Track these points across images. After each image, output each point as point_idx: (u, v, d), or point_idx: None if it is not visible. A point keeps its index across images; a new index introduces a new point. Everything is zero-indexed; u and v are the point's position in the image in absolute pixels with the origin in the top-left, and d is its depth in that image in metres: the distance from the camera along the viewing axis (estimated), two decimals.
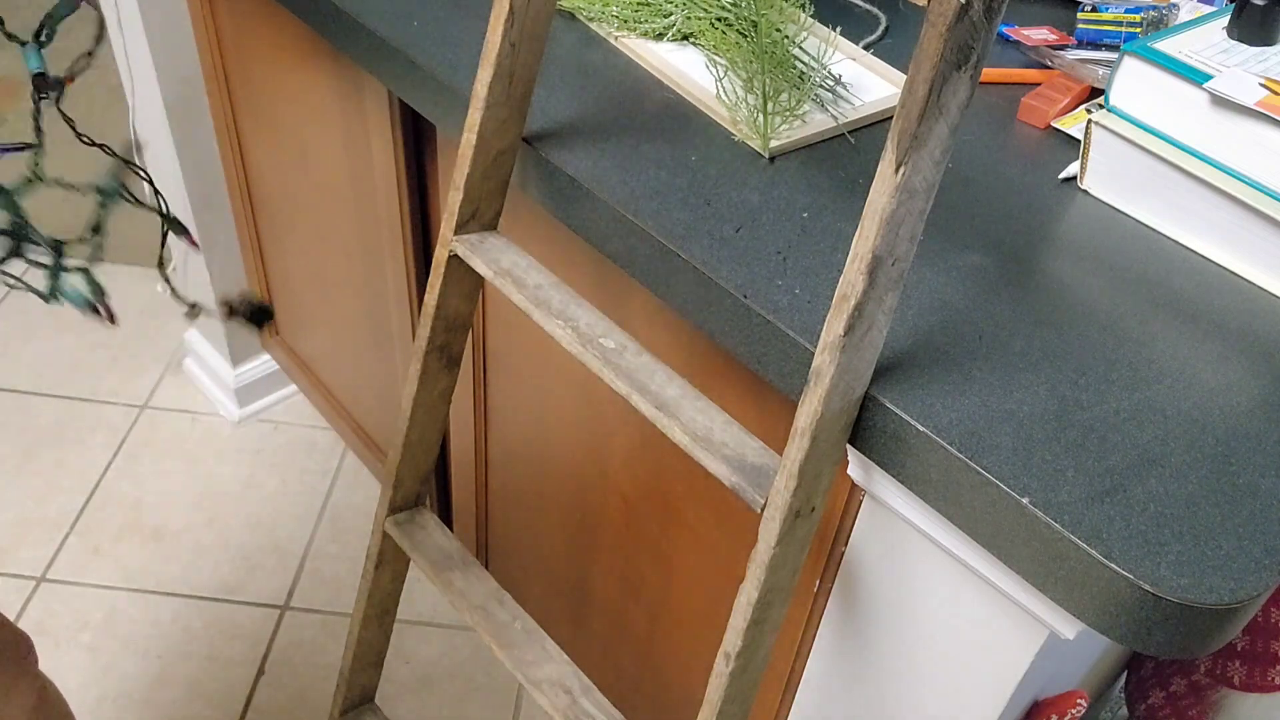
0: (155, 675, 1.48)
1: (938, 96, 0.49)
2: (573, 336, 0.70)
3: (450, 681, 1.50)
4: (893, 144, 0.50)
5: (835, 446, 0.59)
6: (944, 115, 0.50)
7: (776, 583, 0.63)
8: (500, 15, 0.69)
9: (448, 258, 0.78)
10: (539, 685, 0.81)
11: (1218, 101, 0.68)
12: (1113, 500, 0.54)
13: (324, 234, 1.33)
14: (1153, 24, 0.88)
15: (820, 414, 0.56)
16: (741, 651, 0.64)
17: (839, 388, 0.56)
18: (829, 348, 0.55)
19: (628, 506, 0.97)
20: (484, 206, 0.77)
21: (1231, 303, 0.68)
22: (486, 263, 0.75)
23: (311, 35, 1.09)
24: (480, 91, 0.71)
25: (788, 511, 0.59)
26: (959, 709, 0.69)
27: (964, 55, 0.49)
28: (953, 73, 0.49)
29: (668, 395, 0.66)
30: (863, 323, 0.54)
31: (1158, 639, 0.51)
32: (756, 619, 0.63)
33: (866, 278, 0.53)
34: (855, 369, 0.56)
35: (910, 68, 0.50)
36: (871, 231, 0.52)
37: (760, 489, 0.61)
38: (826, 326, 0.55)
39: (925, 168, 0.51)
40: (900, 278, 0.55)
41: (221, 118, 1.43)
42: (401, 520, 0.91)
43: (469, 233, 0.77)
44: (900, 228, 0.52)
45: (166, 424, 1.82)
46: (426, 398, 0.85)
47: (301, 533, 1.67)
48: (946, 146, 0.52)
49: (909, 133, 0.50)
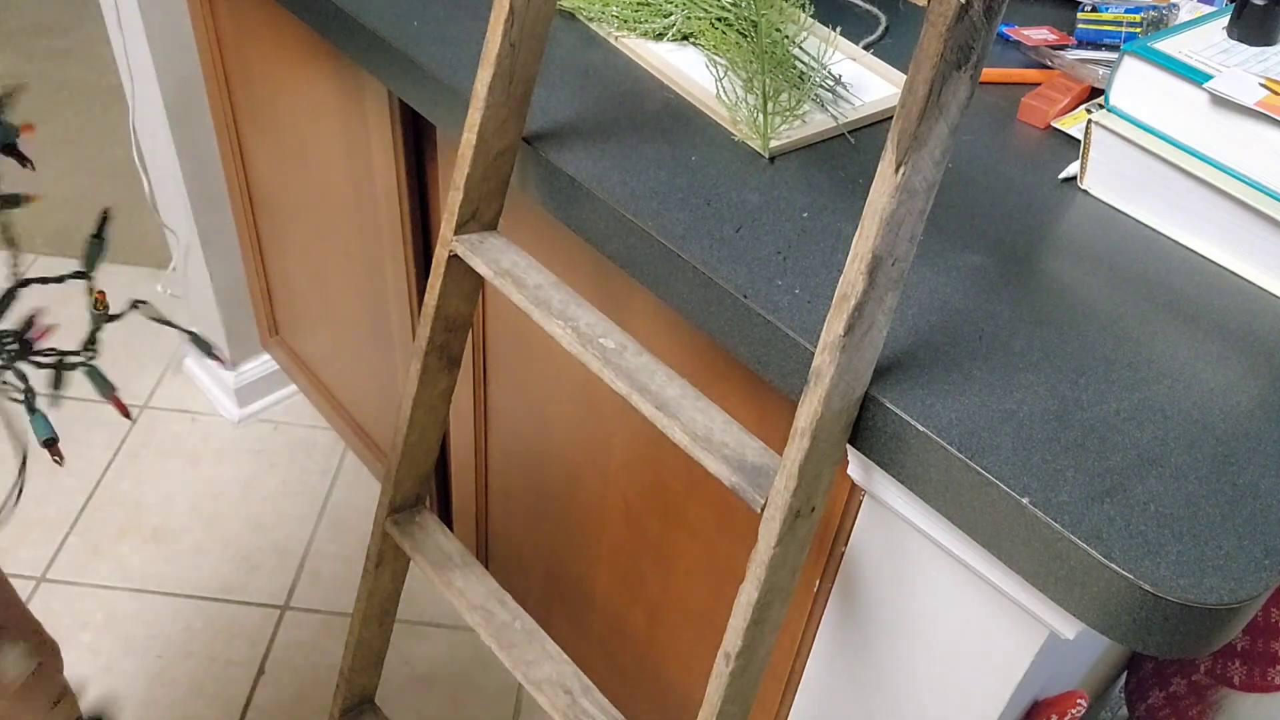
0: (155, 675, 1.48)
1: (938, 96, 0.49)
2: (573, 336, 0.70)
3: (450, 681, 1.50)
4: (893, 144, 0.50)
5: (835, 446, 0.59)
6: (944, 115, 0.50)
7: (776, 583, 0.63)
8: (500, 15, 0.69)
9: (448, 258, 0.78)
10: (539, 685, 0.81)
11: (1218, 101, 0.68)
12: (1113, 500, 0.54)
13: (324, 234, 1.33)
14: (1153, 24, 0.88)
15: (820, 414, 0.56)
16: (741, 651, 0.64)
17: (839, 388, 0.56)
18: (829, 348, 0.55)
19: (628, 506, 0.97)
20: (484, 206, 0.77)
21: (1231, 303, 0.68)
22: (486, 263, 0.75)
23: (311, 35, 1.09)
24: (480, 91, 0.71)
25: (788, 511, 0.59)
26: (959, 709, 0.69)
27: (964, 55, 0.49)
28: (953, 73, 0.49)
29: (668, 395, 0.66)
30: (863, 323, 0.54)
31: (1158, 639, 0.51)
32: (756, 619, 0.63)
33: (867, 278, 0.53)
34: (855, 369, 0.56)
35: (910, 68, 0.50)
36: (871, 231, 0.52)
37: (760, 489, 0.61)
38: (826, 326, 0.55)
39: (925, 168, 0.51)
40: (900, 277, 0.55)
41: (221, 118, 1.43)
42: (401, 520, 0.91)
43: (469, 233, 0.77)
44: (900, 228, 0.52)
45: (166, 424, 1.82)
46: (426, 398, 0.85)
47: (301, 533, 1.67)
48: (947, 146, 0.52)
49: (909, 133, 0.50)
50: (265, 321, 1.68)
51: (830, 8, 0.94)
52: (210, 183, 1.52)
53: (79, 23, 2.80)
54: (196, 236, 1.57)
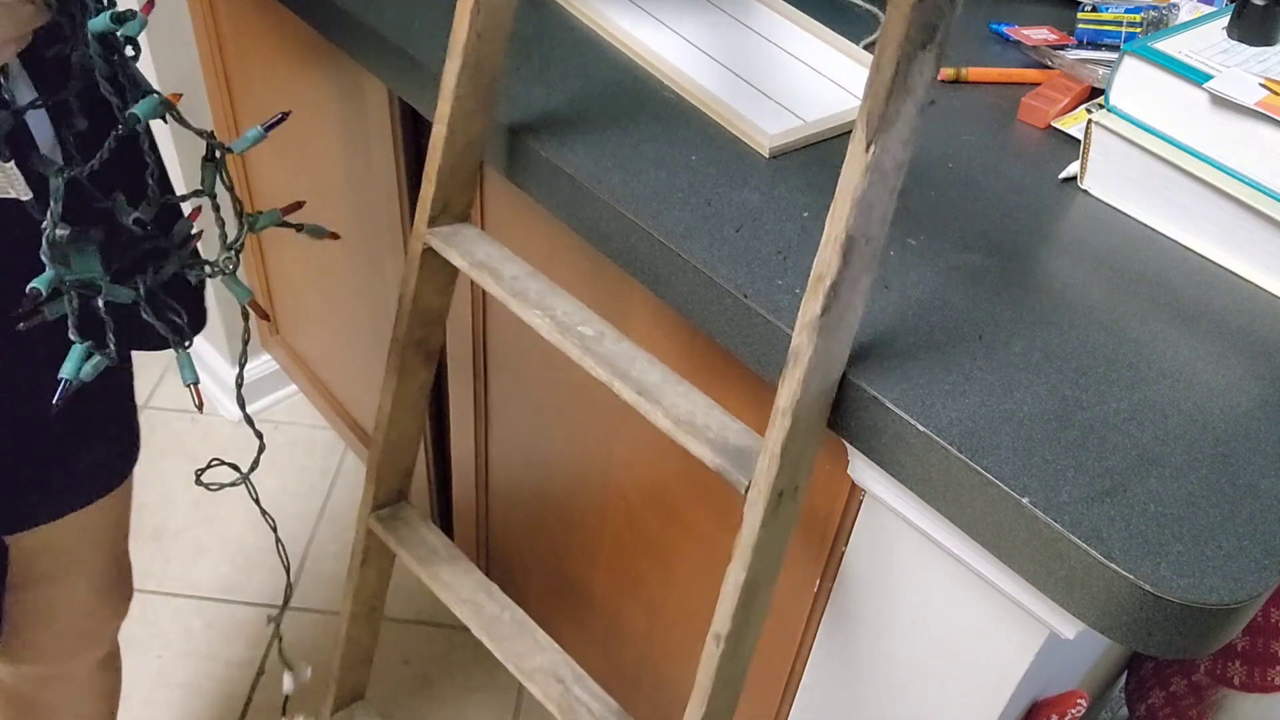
0: (155, 675, 1.48)
1: (904, 77, 0.49)
2: (551, 325, 0.70)
3: (450, 681, 1.50)
4: (862, 125, 0.51)
5: (816, 426, 0.60)
6: (911, 95, 0.50)
7: (763, 564, 0.63)
8: (467, 6, 0.69)
9: (422, 251, 0.77)
10: (531, 676, 0.81)
11: (1218, 101, 0.68)
12: (1113, 500, 0.54)
13: None
14: (1153, 24, 0.88)
15: (800, 394, 0.56)
16: (731, 633, 0.64)
17: (818, 368, 0.56)
18: (806, 328, 0.55)
19: (628, 506, 0.97)
20: (455, 198, 0.77)
21: (1231, 303, 0.68)
22: (461, 255, 0.75)
23: (312, 34, 1.09)
24: (449, 83, 0.71)
25: (772, 492, 0.59)
26: (959, 709, 0.69)
27: (929, 35, 0.49)
28: (918, 52, 0.49)
29: (649, 381, 0.66)
30: (839, 303, 0.54)
31: (1158, 639, 0.51)
32: (745, 601, 0.63)
33: (841, 258, 0.53)
34: (833, 350, 0.56)
35: (876, 49, 0.50)
36: (844, 212, 0.52)
37: (744, 470, 0.61)
38: (803, 307, 0.55)
39: (894, 148, 0.52)
40: (874, 258, 0.55)
41: (221, 118, 1.43)
42: (384, 516, 0.91)
43: (441, 225, 0.77)
44: (873, 208, 0.53)
45: (166, 424, 1.82)
46: (405, 393, 0.85)
47: (301, 533, 1.67)
48: (915, 126, 0.52)
49: (877, 113, 0.50)
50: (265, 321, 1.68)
51: (830, 7, 0.94)
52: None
53: None
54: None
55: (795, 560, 0.79)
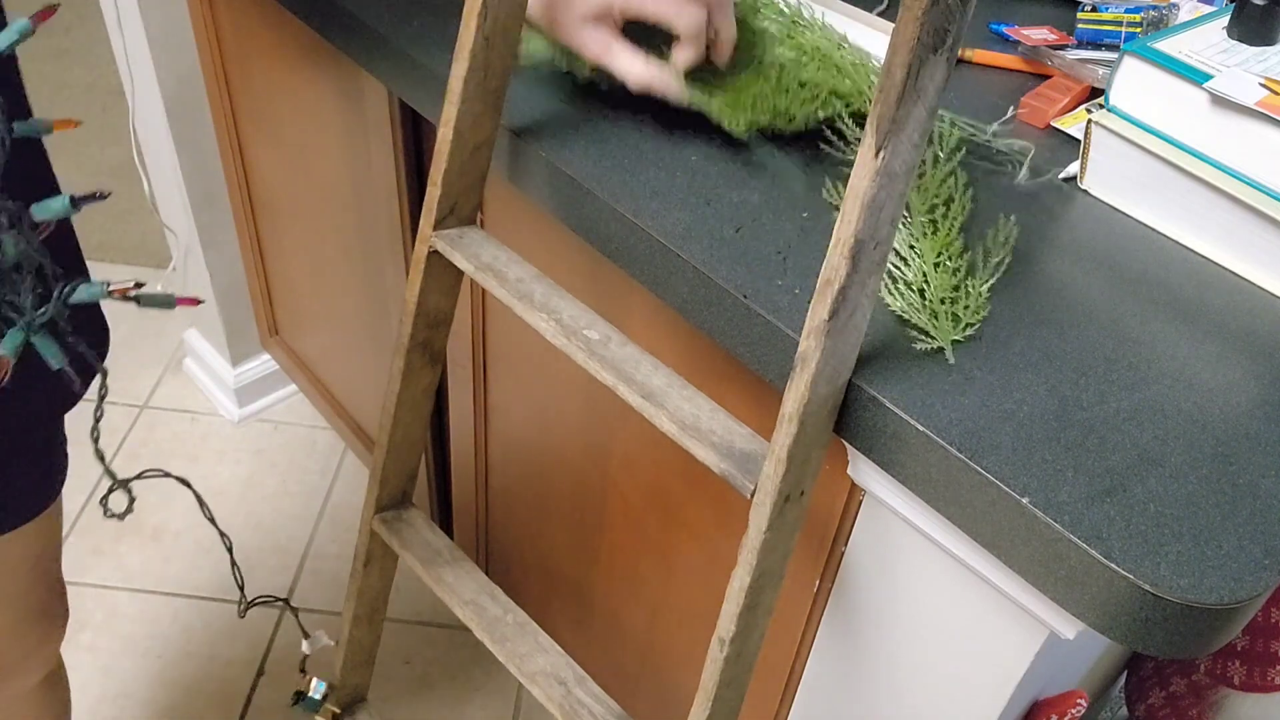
0: (155, 675, 1.48)
1: (915, 80, 0.49)
2: (556, 329, 0.70)
3: (450, 682, 1.50)
4: (872, 128, 0.51)
5: (822, 431, 0.60)
6: (922, 98, 0.50)
7: (768, 567, 0.63)
8: (474, 9, 0.69)
9: (427, 254, 0.77)
10: (533, 678, 0.81)
11: (1218, 101, 0.68)
12: (1113, 500, 0.54)
13: (324, 234, 1.33)
14: (1153, 24, 0.88)
15: (807, 399, 0.56)
16: (735, 636, 0.64)
17: (825, 372, 0.56)
18: (814, 333, 0.55)
19: (628, 506, 0.97)
20: (462, 201, 0.77)
21: (1231, 303, 0.68)
22: (467, 258, 0.75)
23: (311, 35, 1.09)
24: (455, 86, 0.71)
25: (777, 496, 0.59)
26: (959, 709, 0.69)
27: (940, 38, 0.49)
28: (929, 56, 0.49)
29: (654, 384, 0.66)
30: (847, 307, 0.54)
31: (1158, 639, 0.51)
32: (749, 604, 0.63)
33: (850, 262, 0.53)
34: (840, 353, 0.56)
35: (887, 52, 0.50)
36: (853, 216, 0.52)
37: (750, 475, 0.61)
38: (811, 312, 0.55)
39: (904, 151, 0.51)
40: (883, 261, 0.55)
41: (221, 118, 1.43)
42: (389, 518, 0.91)
43: (448, 228, 0.77)
44: (881, 211, 0.53)
45: (166, 424, 1.82)
46: (410, 395, 0.85)
47: (301, 533, 1.67)
48: (925, 129, 0.52)
49: (888, 117, 0.50)
50: (265, 321, 1.68)
51: None
52: (210, 182, 1.52)
53: (79, 23, 2.80)
54: (196, 236, 1.57)
55: (795, 560, 0.79)
